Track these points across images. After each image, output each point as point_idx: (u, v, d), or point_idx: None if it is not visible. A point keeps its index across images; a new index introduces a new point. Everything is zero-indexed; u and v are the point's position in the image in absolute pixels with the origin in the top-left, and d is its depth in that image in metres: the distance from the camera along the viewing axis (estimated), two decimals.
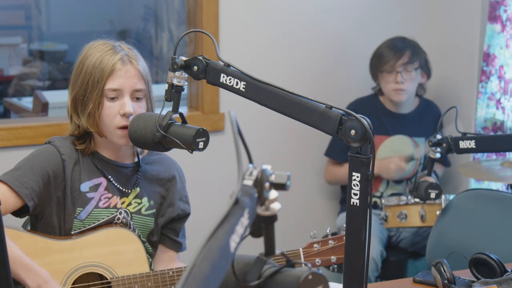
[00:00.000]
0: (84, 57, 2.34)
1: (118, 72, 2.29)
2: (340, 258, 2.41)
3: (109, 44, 2.35)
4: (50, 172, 2.31)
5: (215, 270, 1.03)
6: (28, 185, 2.27)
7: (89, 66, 2.31)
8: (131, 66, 2.32)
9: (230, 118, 1.16)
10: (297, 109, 1.84)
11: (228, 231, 1.09)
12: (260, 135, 3.82)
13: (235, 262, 1.28)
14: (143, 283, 2.31)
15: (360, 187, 1.76)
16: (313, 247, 2.41)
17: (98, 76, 2.28)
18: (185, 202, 2.52)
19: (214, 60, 1.98)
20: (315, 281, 1.22)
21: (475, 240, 2.67)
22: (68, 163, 2.34)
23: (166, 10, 5.70)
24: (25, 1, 6.35)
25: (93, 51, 2.34)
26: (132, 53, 2.35)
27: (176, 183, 2.49)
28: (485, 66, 3.74)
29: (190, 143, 2.03)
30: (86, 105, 2.30)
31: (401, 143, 3.73)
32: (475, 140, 2.53)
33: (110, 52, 2.31)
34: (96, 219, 2.35)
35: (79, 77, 2.33)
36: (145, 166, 2.47)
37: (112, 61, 2.29)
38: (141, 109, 2.32)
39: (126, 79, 2.30)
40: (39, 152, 2.36)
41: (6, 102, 5.25)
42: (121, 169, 2.41)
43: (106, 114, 2.30)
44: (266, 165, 1.22)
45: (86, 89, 2.30)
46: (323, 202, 4.06)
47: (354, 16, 3.98)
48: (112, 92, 2.29)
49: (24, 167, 2.31)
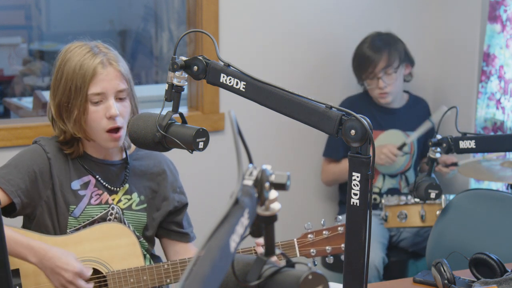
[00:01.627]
0: (63, 62, 2.34)
1: (99, 76, 2.29)
2: (335, 248, 2.41)
3: (86, 47, 2.35)
4: (36, 170, 2.33)
5: (215, 270, 1.03)
6: (14, 182, 2.29)
7: (69, 72, 2.31)
8: (112, 68, 2.32)
9: (230, 118, 1.16)
10: (297, 109, 1.84)
11: (228, 231, 1.09)
12: (260, 135, 3.82)
13: (235, 262, 1.28)
14: (139, 276, 2.32)
15: (360, 187, 1.76)
16: (307, 237, 2.42)
17: (80, 82, 2.29)
18: (180, 193, 2.53)
19: (214, 60, 1.98)
20: (315, 281, 1.22)
21: (475, 240, 2.67)
22: (54, 161, 2.35)
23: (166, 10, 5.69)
24: (25, 1, 6.35)
25: (71, 55, 2.33)
26: (111, 54, 2.35)
27: (167, 176, 2.50)
28: (485, 66, 3.74)
29: (190, 143, 2.03)
30: (71, 111, 2.31)
31: (395, 137, 3.75)
32: (475, 140, 2.53)
33: (89, 56, 2.31)
34: (90, 216, 2.37)
35: (60, 84, 2.33)
36: (134, 162, 2.48)
37: (92, 65, 2.29)
38: (126, 108, 2.34)
39: (108, 82, 2.30)
40: (25, 151, 2.39)
41: (6, 102, 5.25)
42: (109, 167, 2.43)
43: (92, 119, 2.31)
44: (266, 165, 1.22)
45: (69, 96, 2.30)
46: (322, 203, 4.06)
47: (353, 16, 3.98)
48: (95, 96, 2.30)
49: (10, 166, 2.34)
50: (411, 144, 3.75)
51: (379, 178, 3.75)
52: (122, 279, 2.32)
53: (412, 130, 3.72)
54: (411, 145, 3.75)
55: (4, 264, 1.76)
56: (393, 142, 3.73)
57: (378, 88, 3.67)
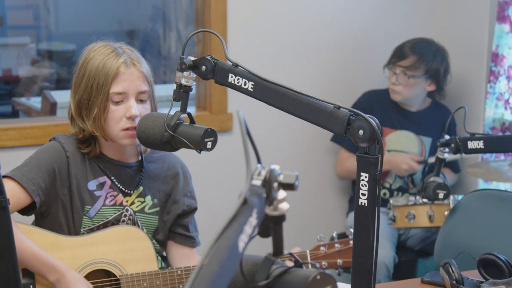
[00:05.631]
0: (86, 60, 2.34)
1: (122, 75, 2.29)
2: (346, 261, 2.43)
3: (110, 47, 2.35)
4: (55, 168, 2.33)
5: (224, 269, 1.03)
6: (35, 181, 2.29)
7: (91, 70, 2.31)
8: (135, 69, 2.32)
9: (239, 118, 1.16)
10: (305, 109, 1.84)
11: (236, 231, 1.09)
12: (268, 135, 3.82)
13: (243, 262, 1.28)
14: (152, 281, 2.32)
15: (368, 187, 1.76)
16: (319, 250, 2.42)
17: (102, 80, 2.28)
18: (190, 198, 2.52)
19: (222, 60, 1.98)
20: (323, 281, 1.22)
21: (484, 241, 2.66)
22: (72, 160, 2.35)
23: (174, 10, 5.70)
24: (34, 1, 6.36)
25: (95, 54, 2.33)
26: (134, 55, 2.35)
27: (179, 180, 2.50)
28: (494, 66, 3.73)
29: (198, 143, 2.03)
30: (91, 109, 2.31)
31: (407, 139, 3.74)
32: (483, 140, 2.53)
33: (113, 55, 2.31)
34: (105, 217, 2.37)
35: (82, 81, 2.32)
36: (148, 164, 2.48)
37: (116, 65, 2.29)
38: (146, 110, 2.33)
39: (130, 82, 2.30)
40: (45, 149, 2.38)
41: (14, 102, 5.27)
42: (125, 169, 2.42)
43: (112, 117, 2.30)
44: (275, 165, 1.22)
45: (90, 94, 2.30)
46: (331, 202, 4.06)
47: (362, 16, 3.98)
48: (117, 95, 2.29)
49: (31, 163, 2.33)
50: (422, 148, 3.74)
51: (391, 173, 3.74)
52: (135, 282, 2.32)
53: (426, 135, 3.72)
54: (421, 148, 3.74)
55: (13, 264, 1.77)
56: (402, 143, 3.72)
57: (391, 81, 3.69)
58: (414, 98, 3.73)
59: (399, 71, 3.64)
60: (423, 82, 3.67)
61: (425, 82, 3.67)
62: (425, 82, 3.67)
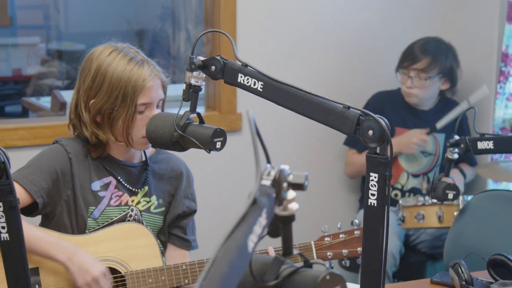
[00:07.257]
0: (101, 67, 2.31)
1: (150, 87, 2.32)
2: (351, 251, 2.43)
3: (123, 53, 2.34)
4: (58, 170, 2.34)
5: (234, 269, 1.03)
6: (37, 183, 2.30)
7: (114, 78, 2.30)
8: (158, 79, 2.35)
9: (248, 118, 1.16)
10: (314, 109, 1.84)
11: (246, 231, 1.09)
12: (278, 135, 3.82)
13: (252, 262, 1.28)
14: (157, 277, 2.33)
15: (377, 187, 1.75)
16: (324, 240, 2.43)
17: (130, 92, 2.29)
18: (190, 200, 2.53)
19: (232, 60, 1.98)
20: (333, 281, 1.22)
21: (493, 241, 2.65)
22: (75, 162, 2.36)
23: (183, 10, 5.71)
24: (44, 1, 6.39)
25: (110, 61, 2.32)
26: (152, 64, 2.37)
27: (182, 181, 2.51)
28: (504, 66, 3.72)
29: (208, 143, 2.03)
30: (115, 119, 2.31)
31: None
32: (493, 140, 2.52)
33: (134, 65, 2.32)
34: (109, 217, 2.38)
35: (100, 89, 2.31)
36: (153, 165, 2.49)
37: (142, 76, 2.30)
38: None
39: (155, 92, 2.34)
40: (47, 151, 2.40)
41: (24, 102, 5.29)
42: (130, 169, 2.44)
43: (136, 126, 2.32)
44: (284, 165, 1.22)
45: (114, 103, 2.30)
46: (341, 202, 4.06)
47: (371, 16, 3.98)
48: (143, 106, 2.32)
49: (33, 165, 2.34)
50: (436, 145, 3.74)
51: (403, 175, 3.74)
52: (140, 279, 2.33)
53: (440, 132, 3.71)
54: (436, 146, 3.74)
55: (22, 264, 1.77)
56: None
57: (405, 85, 3.68)
58: (430, 98, 3.74)
59: (413, 74, 3.64)
60: (437, 81, 3.67)
61: (439, 81, 3.68)
62: (439, 82, 3.68)
